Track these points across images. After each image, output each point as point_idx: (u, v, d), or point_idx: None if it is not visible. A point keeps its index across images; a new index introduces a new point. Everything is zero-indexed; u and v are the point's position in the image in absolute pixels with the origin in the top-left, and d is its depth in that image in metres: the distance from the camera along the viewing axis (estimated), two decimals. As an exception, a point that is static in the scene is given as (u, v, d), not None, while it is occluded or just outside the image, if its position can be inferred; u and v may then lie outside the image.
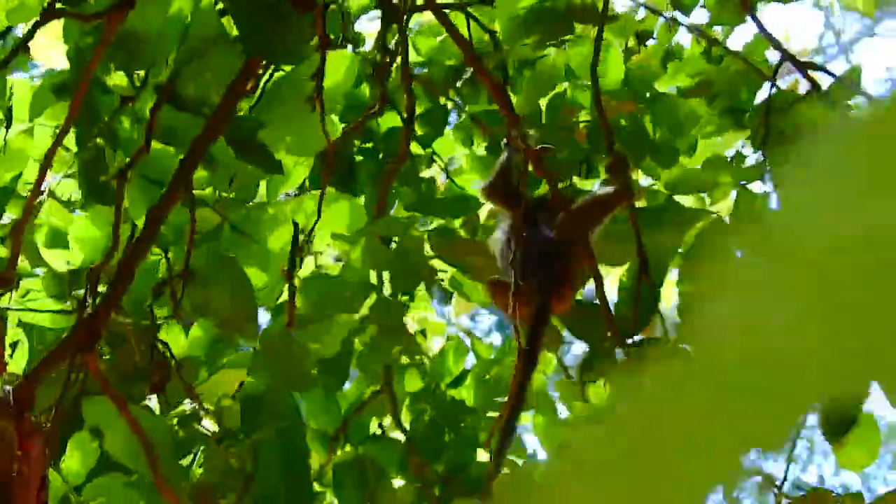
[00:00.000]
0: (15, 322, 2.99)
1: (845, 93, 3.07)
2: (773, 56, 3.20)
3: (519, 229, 2.89)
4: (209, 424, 2.94)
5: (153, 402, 2.97)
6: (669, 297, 3.12)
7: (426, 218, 3.54)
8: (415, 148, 3.63)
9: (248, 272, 2.98)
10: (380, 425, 3.49)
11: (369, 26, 3.77)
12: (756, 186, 3.22)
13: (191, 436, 2.85)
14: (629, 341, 2.92)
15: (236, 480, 2.85)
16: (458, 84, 3.67)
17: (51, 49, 3.00)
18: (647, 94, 3.42)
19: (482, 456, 3.34)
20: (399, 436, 3.42)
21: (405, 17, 3.46)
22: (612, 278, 3.15)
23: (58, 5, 2.66)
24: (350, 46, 3.52)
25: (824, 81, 3.07)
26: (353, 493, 3.26)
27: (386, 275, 3.34)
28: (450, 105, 3.70)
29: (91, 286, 2.78)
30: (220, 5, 2.87)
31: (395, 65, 3.55)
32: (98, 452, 2.73)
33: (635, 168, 3.25)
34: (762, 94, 3.21)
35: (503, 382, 3.41)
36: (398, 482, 3.38)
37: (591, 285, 2.95)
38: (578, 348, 3.25)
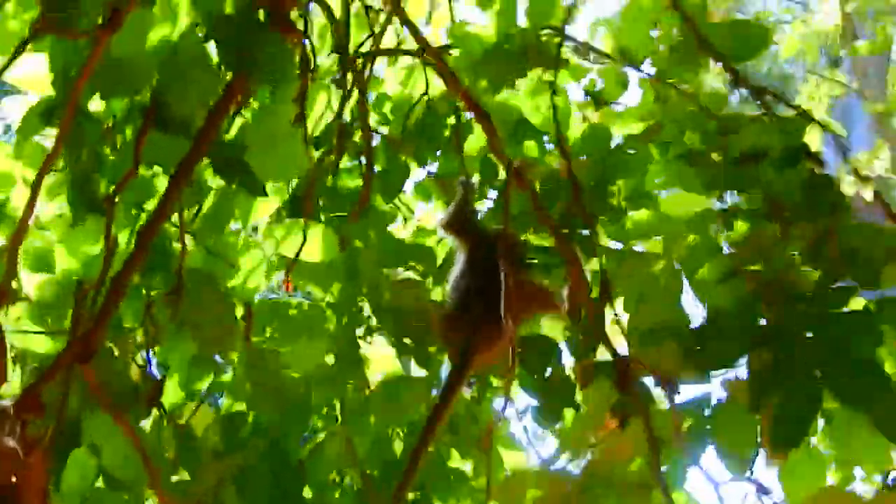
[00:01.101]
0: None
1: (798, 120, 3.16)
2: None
3: (469, 261, 3.03)
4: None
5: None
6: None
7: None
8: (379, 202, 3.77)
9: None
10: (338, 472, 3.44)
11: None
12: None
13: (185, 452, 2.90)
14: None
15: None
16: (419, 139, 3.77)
17: (34, 78, 3.06)
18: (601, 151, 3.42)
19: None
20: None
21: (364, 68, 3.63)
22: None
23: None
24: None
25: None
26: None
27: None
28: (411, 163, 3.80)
29: (80, 303, 2.83)
30: (201, 30, 2.96)
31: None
32: (96, 470, 2.77)
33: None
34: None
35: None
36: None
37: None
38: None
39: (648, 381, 2.85)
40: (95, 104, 3.02)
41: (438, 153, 3.76)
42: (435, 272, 3.46)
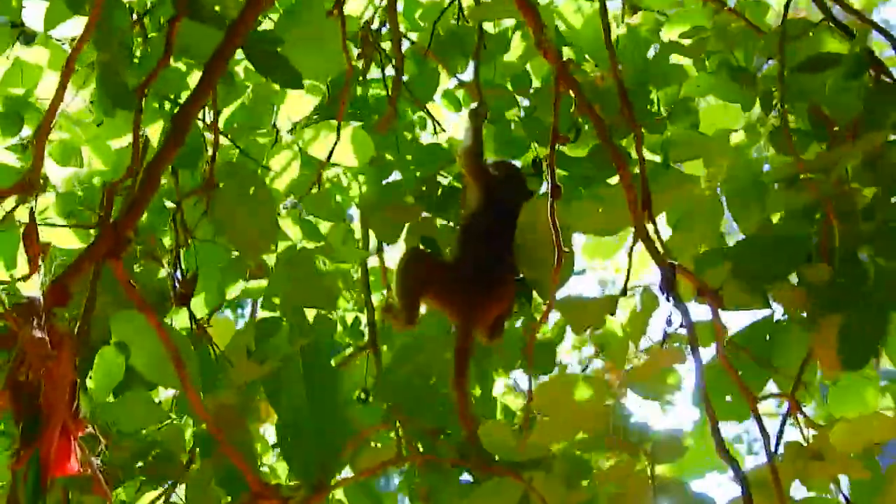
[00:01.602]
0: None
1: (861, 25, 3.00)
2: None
3: (481, 209, 2.93)
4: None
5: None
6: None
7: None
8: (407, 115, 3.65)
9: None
10: (364, 390, 3.41)
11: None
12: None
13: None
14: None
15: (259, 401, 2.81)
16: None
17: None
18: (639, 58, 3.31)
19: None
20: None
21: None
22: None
23: None
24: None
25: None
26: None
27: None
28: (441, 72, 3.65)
29: (110, 198, 2.71)
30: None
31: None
32: (123, 368, 2.67)
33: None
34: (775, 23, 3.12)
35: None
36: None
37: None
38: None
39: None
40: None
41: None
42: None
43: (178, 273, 2.89)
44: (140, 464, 2.74)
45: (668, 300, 2.51)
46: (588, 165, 3.19)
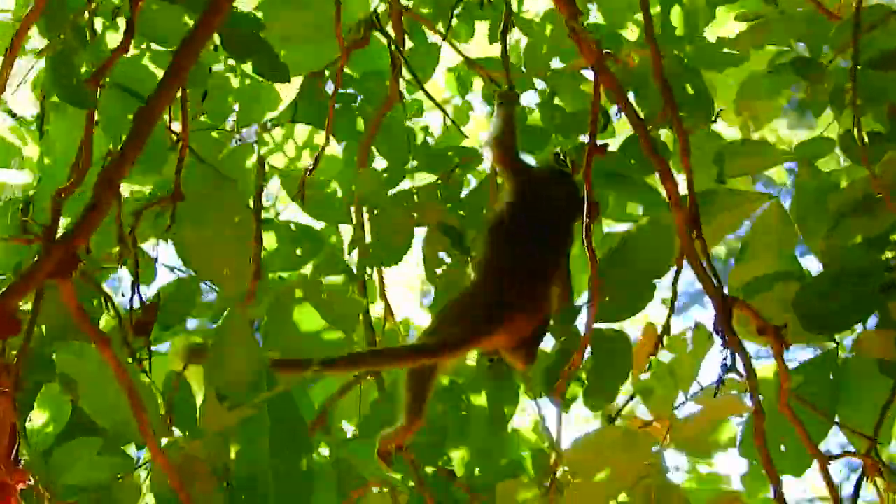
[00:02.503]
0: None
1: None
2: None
3: (513, 209, 2.52)
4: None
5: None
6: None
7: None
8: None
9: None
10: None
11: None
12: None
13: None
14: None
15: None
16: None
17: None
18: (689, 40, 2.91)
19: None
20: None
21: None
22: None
23: None
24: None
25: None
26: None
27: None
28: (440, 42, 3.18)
29: (57, 207, 2.29)
30: None
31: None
32: (70, 409, 2.24)
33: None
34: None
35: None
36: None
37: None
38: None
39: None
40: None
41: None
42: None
43: (136, 297, 2.45)
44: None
45: (723, 340, 2.13)
46: (619, 161, 2.78)
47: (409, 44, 3.09)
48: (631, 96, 2.61)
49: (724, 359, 2.15)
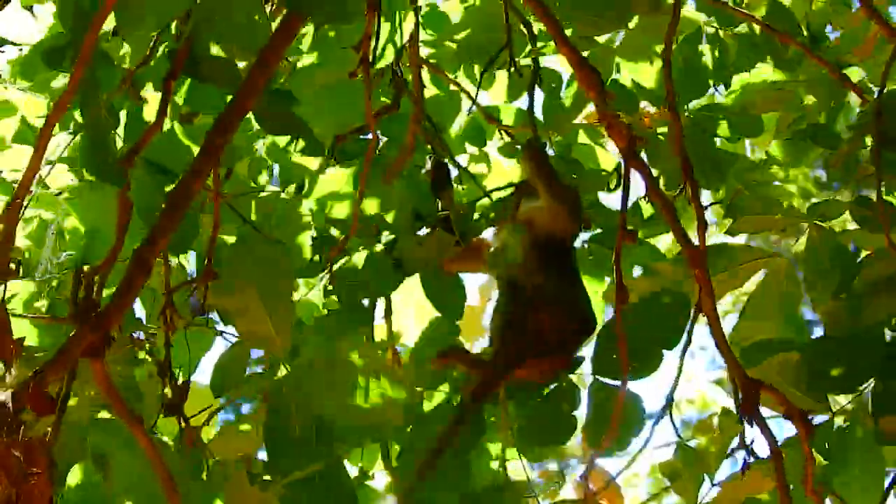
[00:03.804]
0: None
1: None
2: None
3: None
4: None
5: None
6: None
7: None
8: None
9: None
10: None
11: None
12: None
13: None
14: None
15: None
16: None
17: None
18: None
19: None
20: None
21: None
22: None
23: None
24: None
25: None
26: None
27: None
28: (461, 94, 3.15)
29: (90, 285, 2.28)
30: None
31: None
32: (101, 489, 2.22)
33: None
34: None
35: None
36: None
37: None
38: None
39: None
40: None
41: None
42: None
43: (167, 376, 2.44)
44: None
45: (750, 426, 2.09)
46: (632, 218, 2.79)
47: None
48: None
49: (751, 443, 2.13)
